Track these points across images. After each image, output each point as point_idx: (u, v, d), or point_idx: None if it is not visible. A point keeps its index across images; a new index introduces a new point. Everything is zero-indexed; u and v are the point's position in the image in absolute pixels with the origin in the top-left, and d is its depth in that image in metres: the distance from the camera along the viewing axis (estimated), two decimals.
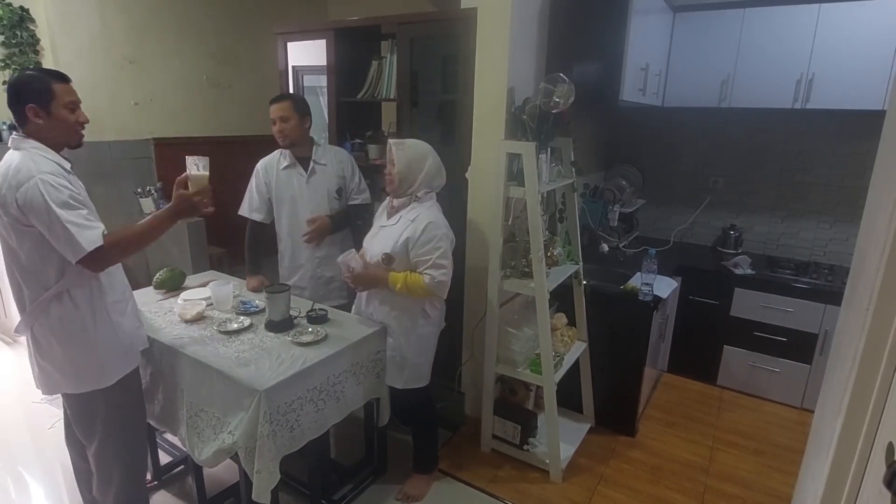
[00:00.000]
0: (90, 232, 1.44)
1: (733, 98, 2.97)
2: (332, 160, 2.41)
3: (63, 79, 1.51)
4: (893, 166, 0.82)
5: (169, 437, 2.21)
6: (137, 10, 3.52)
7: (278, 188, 2.38)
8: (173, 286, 2.33)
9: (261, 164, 2.41)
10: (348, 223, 2.49)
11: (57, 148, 1.52)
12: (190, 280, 2.45)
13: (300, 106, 2.29)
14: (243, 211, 2.42)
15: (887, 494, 0.72)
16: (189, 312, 2.02)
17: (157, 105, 3.73)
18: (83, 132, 1.57)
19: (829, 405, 0.94)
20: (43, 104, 1.46)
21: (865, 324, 0.83)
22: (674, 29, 3.08)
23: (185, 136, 3.76)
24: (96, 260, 1.46)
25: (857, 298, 0.90)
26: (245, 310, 2.13)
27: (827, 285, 2.84)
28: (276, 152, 2.40)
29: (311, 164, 2.36)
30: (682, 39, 3.06)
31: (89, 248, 1.43)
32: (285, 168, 2.36)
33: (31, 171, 1.41)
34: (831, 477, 0.89)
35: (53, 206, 1.40)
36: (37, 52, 3.18)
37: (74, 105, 1.52)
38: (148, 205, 3.67)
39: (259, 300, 2.18)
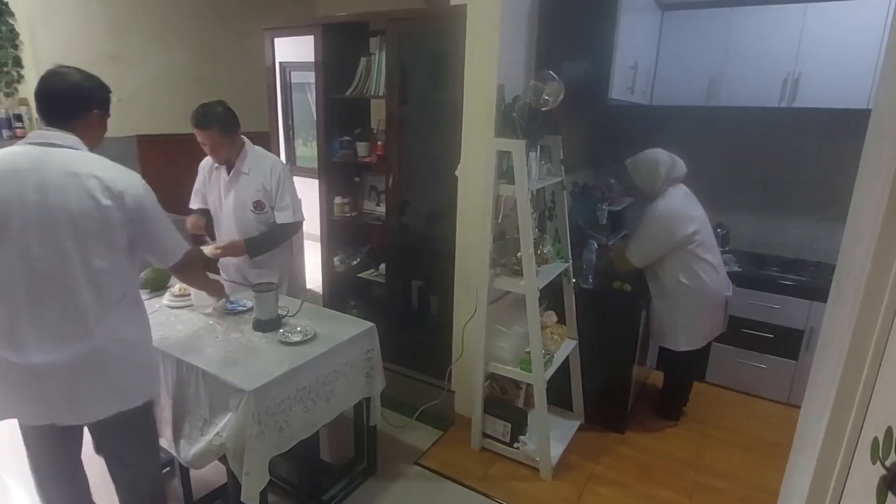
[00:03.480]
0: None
1: (721, 97, 3.00)
2: (257, 170, 2.28)
3: None
4: (878, 165, 0.82)
5: None
6: (120, 5, 3.45)
7: (209, 187, 2.41)
8: (159, 285, 2.30)
9: (203, 162, 2.42)
10: (274, 246, 2.36)
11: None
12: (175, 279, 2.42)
13: (227, 127, 2.18)
14: (191, 205, 2.47)
15: (873, 488, 0.73)
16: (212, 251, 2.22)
17: (141, 102, 3.66)
18: None
19: (816, 401, 0.94)
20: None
21: (851, 320, 0.84)
22: (662, 28, 3.09)
23: (170, 134, 3.71)
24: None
25: (842, 295, 0.90)
26: (232, 309, 2.11)
27: (813, 282, 2.88)
28: None
29: (233, 170, 2.29)
30: (671, 38, 3.07)
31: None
32: (216, 168, 2.36)
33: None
34: (818, 471, 0.90)
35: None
36: (16, 47, 3.12)
37: None
38: None
39: (247, 300, 2.16)
